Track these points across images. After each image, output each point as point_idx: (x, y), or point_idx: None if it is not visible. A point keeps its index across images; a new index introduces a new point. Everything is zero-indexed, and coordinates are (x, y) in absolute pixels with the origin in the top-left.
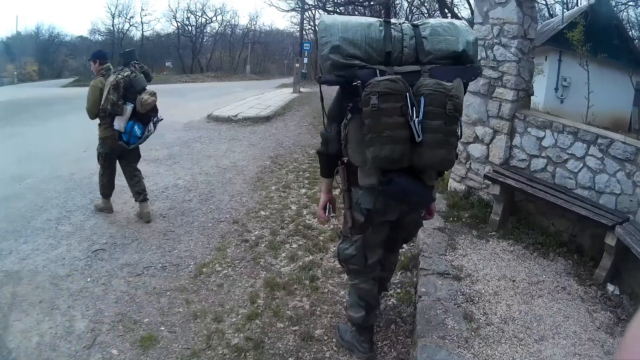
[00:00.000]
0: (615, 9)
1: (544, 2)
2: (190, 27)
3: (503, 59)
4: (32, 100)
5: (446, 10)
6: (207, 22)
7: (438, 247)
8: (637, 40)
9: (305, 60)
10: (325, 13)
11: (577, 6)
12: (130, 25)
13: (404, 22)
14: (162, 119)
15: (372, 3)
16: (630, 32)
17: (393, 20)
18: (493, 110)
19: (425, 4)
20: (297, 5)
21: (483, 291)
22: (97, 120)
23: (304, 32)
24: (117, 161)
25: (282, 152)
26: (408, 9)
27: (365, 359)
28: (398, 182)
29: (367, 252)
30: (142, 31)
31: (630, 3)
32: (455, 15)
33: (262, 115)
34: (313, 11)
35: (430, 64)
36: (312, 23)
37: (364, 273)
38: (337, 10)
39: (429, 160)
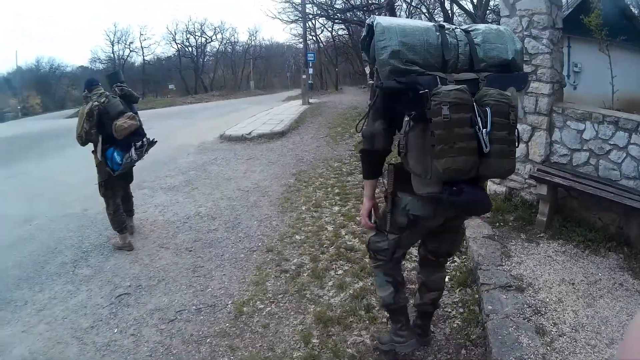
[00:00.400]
0: None
1: None
2: (190, 48)
3: (535, 52)
4: (36, 134)
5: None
6: (207, 41)
7: (493, 257)
8: None
9: (311, 70)
10: (377, 16)
11: None
12: (131, 51)
13: (455, 28)
14: (155, 142)
15: (372, 8)
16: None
17: (446, 25)
18: (530, 106)
19: (425, 3)
20: (297, 17)
21: (547, 300)
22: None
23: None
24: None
25: (305, 167)
26: (407, 9)
27: (407, 347)
28: (469, 192)
29: (396, 249)
30: (143, 56)
31: None
32: (460, 7)
33: (276, 131)
34: (314, 21)
35: (483, 71)
36: (312, 33)
37: (389, 262)
38: (338, 15)
39: (496, 171)
